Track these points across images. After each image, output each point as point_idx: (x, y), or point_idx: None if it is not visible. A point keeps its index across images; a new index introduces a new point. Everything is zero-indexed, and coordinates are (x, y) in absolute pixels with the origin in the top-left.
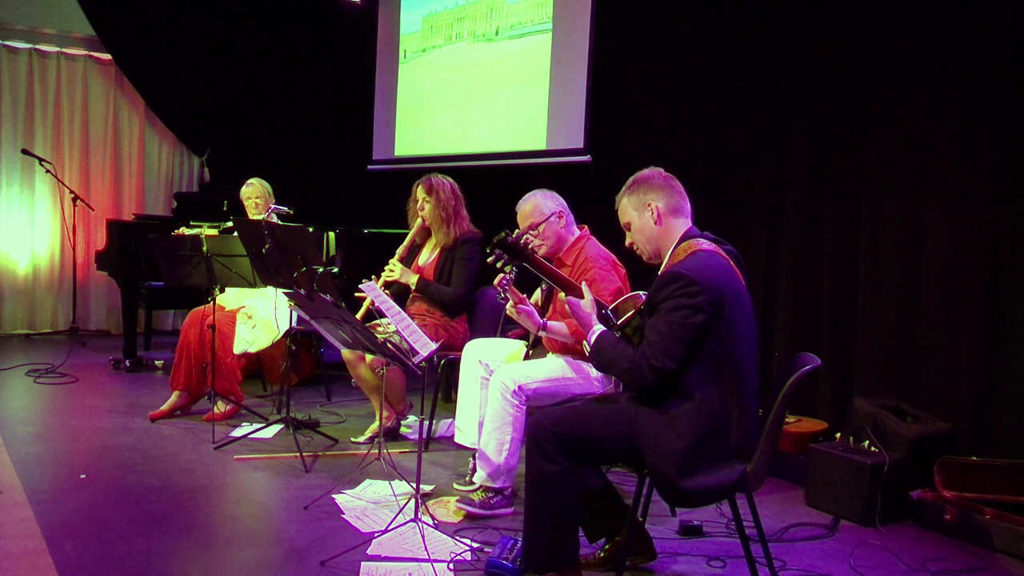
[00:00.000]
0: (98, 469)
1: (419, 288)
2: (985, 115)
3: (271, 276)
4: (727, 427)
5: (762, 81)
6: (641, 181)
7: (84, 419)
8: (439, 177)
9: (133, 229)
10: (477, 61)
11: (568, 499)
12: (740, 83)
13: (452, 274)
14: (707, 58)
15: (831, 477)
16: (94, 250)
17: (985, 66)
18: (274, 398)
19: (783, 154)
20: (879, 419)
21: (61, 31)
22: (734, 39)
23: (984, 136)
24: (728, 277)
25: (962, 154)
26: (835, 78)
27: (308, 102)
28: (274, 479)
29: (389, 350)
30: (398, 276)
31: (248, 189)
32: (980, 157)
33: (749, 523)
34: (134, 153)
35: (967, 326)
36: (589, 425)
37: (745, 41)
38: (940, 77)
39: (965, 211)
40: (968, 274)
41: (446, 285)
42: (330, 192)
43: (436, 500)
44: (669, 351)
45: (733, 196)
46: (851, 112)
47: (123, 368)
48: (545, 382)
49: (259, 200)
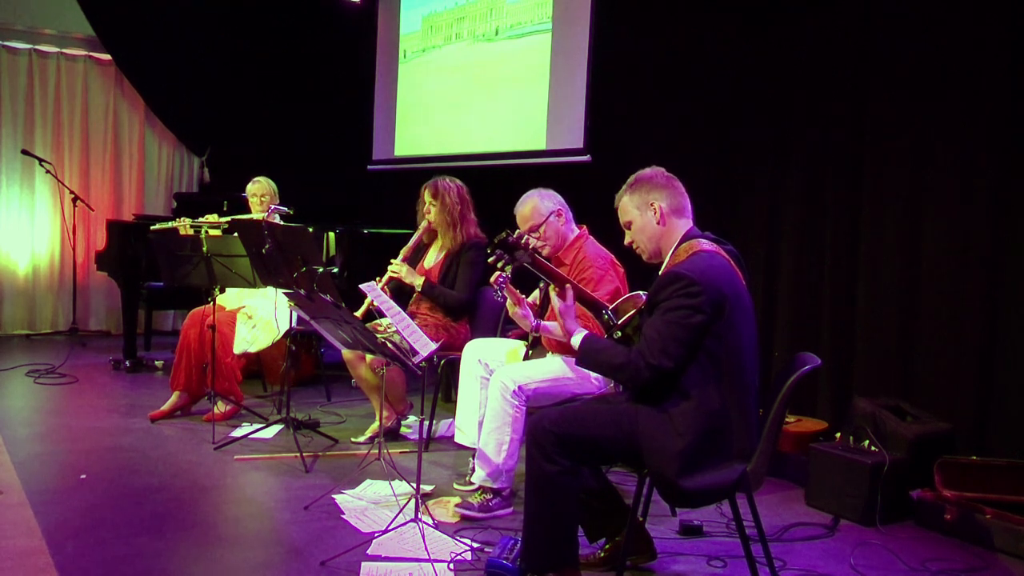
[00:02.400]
0: (98, 469)
1: (424, 290)
2: (987, 115)
3: (271, 276)
4: (727, 427)
5: (763, 81)
6: (643, 180)
7: (84, 419)
8: (446, 180)
9: (133, 229)
10: (477, 61)
11: (568, 499)
12: (741, 82)
13: (456, 278)
14: (708, 57)
15: (831, 477)
16: (94, 250)
17: (986, 67)
18: (274, 398)
19: (784, 153)
20: (879, 419)
21: (61, 31)
22: (734, 38)
23: (986, 135)
24: (729, 277)
25: (964, 152)
26: (836, 78)
27: (308, 102)
28: (274, 479)
29: (389, 350)
30: (403, 275)
31: (254, 186)
32: (982, 156)
33: (749, 523)
34: (134, 153)
35: (968, 325)
36: (589, 425)
37: (746, 40)
38: (942, 77)
39: (967, 210)
40: (969, 273)
41: (450, 288)
42: (330, 192)
43: (436, 500)
44: (666, 349)
45: (734, 195)
46: (852, 111)
47: (123, 368)
48: (545, 382)
49: (265, 198)
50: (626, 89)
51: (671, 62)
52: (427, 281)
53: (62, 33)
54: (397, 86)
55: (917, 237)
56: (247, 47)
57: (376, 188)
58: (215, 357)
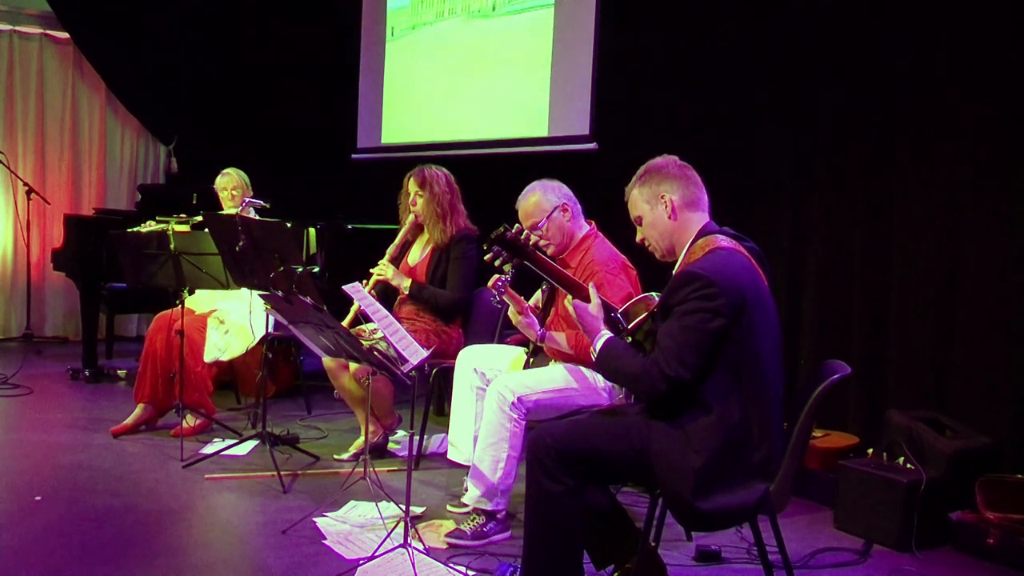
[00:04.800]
0: (55, 490)
1: (412, 293)
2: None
3: (245, 277)
4: (748, 442)
5: (787, 62)
6: (654, 171)
7: (39, 435)
8: (433, 168)
9: (93, 225)
10: (472, 39)
11: (572, 522)
12: (763, 64)
13: (448, 275)
14: (726, 37)
15: (862, 497)
16: (50, 248)
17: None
18: (249, 411)
19: (809, 142)
20: (915, 433)
21: (13, 7)
22: (759, 14)
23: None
24: (749, 277)
25: (1006, 148)
26: (868, 58)
27: (286, 85)
28: (249, 500)
29: (375, 358)
30: (389, 277)
31: (223, 179)
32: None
33: (772, 548)
34: (94, 142)
35: (1012, 330)
36: (596, 440)
37: (772, 16)
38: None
39: (1007, 208)
40: (1011, 274)
41: (440, 287)
42: (310, 184)
43: (427, 523)
44: (683, 359)
45: (754, 188)
46: (885, 97)
47: (82, 378)
48: (547, 393)
49: (236, 191)
50: (637, 70)
51: (687, 40)
52: (415, 283)
53: (14, 8)
54: (384, 67)
55: (955, 236)
56: (218, 25)
57: (361, 179)
58: (183, 366)
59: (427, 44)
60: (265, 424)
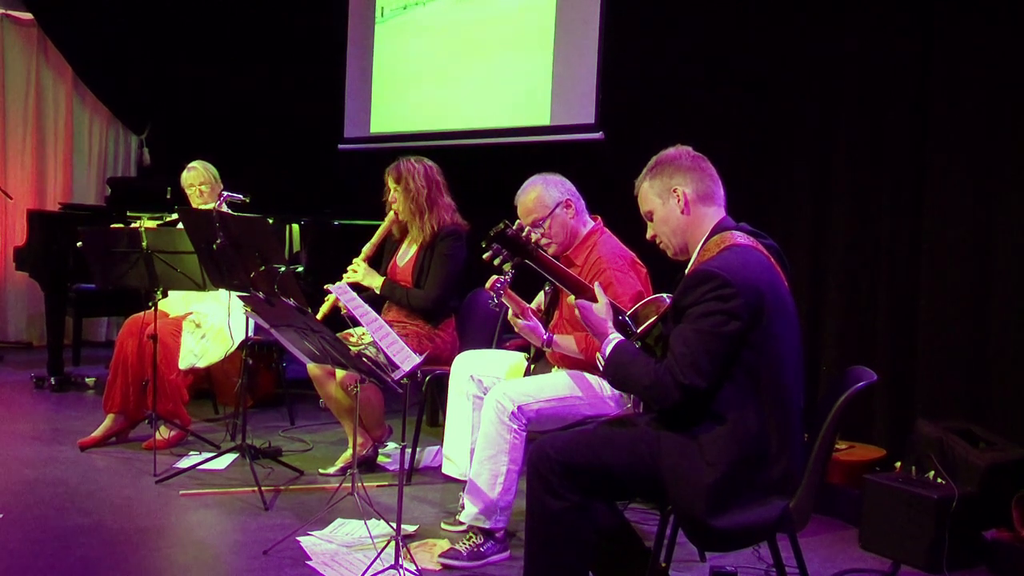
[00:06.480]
0: (18, 507)
1: (384, 292)
2: None
3: (223, 277)
4: (766, 454)
5: (808, 47)
6: (665, 162)
7: (1, 448)
8: (411, 161)
9: (59, 221)
10: (468, 21)
11: (577, 541)
12: (781, 48)
13: (428, 274)
14: (742, 18)
15: (889, 514)
16: (12, 246)
17: None
18: (227, 422)
19: (831, 132)
20: (946, 445)
21: None
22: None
23: None
24: (768, 277)
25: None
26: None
27: (267, 70)
28: (227, 518)
29: (364, 364)
30: (359, 278)
31: (189, 174)
32: None
33: (793, 569)
34: (60, 131)
35: None
36: (602, 453)
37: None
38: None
39: None
40: None
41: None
42: (294, 177)
43: (420, 543)
44: (698, 366)
45: (772, 181)
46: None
47: (47, 387)
48: (549, 402)
49: (204, 187)
50: (646, 55)
51: (699, 23)
52: (387, 281)
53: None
54: (373, 51)
55: (989, 235)
56: (193, 5)
57: (348, 172)
58: (157, 373)
59: (419, 25)
60: (245, 436)
